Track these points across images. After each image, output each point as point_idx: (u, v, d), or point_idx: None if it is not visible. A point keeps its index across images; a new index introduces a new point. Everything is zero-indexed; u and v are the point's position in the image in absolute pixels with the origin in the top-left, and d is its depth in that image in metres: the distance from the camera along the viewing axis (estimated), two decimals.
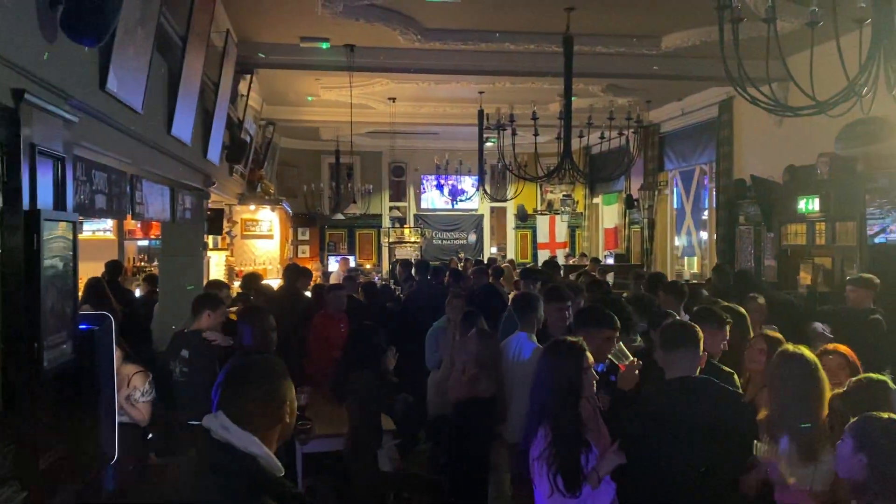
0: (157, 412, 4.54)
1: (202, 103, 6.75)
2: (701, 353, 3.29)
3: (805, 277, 8.93)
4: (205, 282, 7.45)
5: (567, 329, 4.47)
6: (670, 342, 3.27)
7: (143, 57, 4.35)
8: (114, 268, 7.81)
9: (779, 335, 4.02)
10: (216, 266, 10.30)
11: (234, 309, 6.10)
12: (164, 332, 6.17)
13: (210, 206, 8.67)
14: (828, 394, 3.18)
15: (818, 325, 5.09)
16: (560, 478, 3.02)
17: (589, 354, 3.22)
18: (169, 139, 5.55)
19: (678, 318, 4.20)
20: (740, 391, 3.69)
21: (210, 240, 10.36)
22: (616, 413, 3.47)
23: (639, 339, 4.78)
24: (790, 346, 3.40)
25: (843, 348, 3.84)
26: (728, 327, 4.02)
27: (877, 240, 7.30)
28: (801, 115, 3.68)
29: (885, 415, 2.64)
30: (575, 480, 3.02)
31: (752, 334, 4.47)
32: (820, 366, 3.25)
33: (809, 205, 8.51)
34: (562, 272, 10.30)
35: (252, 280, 8.02)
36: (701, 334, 3.30)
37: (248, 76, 9.21)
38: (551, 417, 3.10)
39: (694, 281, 11.01)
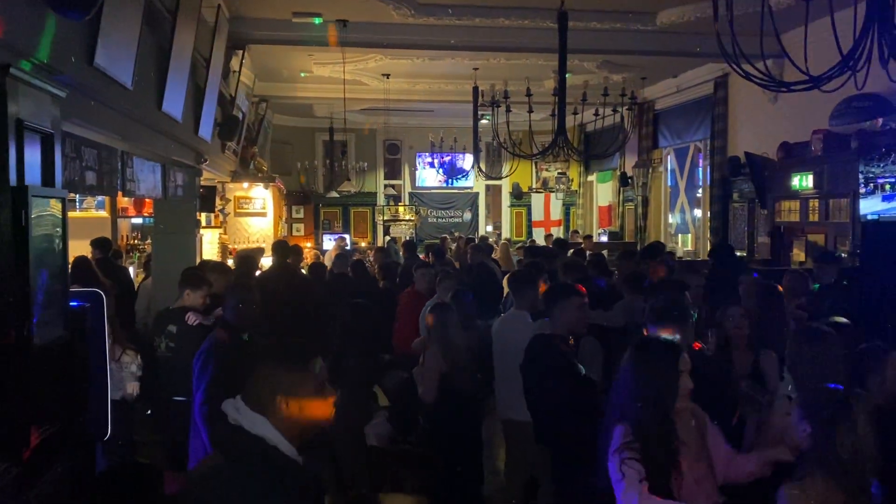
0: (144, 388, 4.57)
1: (193, 79, 6.69)
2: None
3: (798, 254, 8.97)
4: (197, 260, 7.44)
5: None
6: (660, 318, 3.27)
7: (131, 32, 4.30)
8: (103, 244, 7.77)
9: None
10: (209, 244, 10.28)
11: None
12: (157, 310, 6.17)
13: (202, 183, 8.63)
14: None
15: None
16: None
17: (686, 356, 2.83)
18: (160, 115, 5.51)
19: None
20: None
21: (203, 217, 10.36)
22: None
23: None
24: None
25: None
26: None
27: (869, 216, 7.31)
28: (794, 90, 3.66)
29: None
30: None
31: None
32: None
33: (803, 182, 8.51)
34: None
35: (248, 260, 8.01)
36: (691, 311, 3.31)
37: (240, 52, 9.13)
38: (635, 423, 2.67)
39: (687, 259, 11.06)
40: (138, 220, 10.89)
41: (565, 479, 3.80)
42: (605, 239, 14.86)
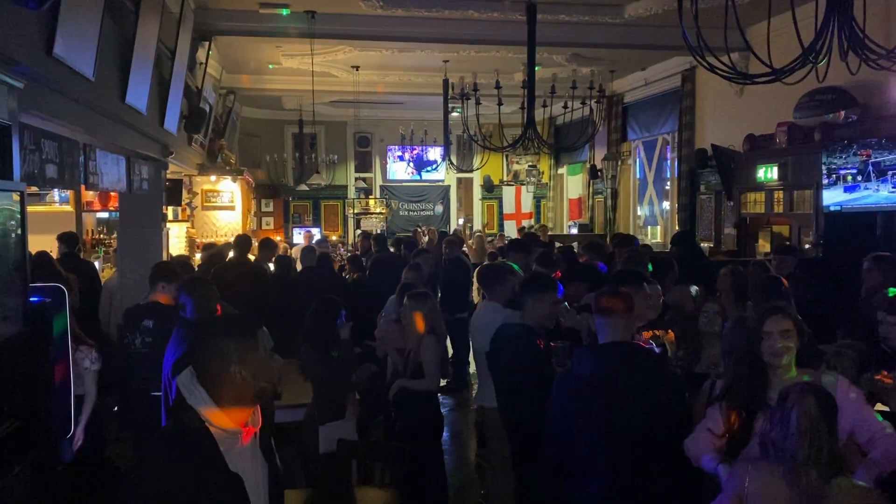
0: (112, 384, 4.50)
1: (158, 71, 6.59)
2: (633, 319, 3.30)
3: (763, 245, 9.12)
4: (164, 254, 7.34)
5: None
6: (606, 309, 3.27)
7: (92, 21, 4.22)
8: (69, 239, 7.64)
9: None
10: (176, 238, 10.16)
11: None
12: (126, 305, 6.07)
13: (169, 176, 8.52)
14: None
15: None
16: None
17: None
18: (123, 107, 5.42)
19: None
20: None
21: (170, 211, 10.22)
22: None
23: None
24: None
25: None
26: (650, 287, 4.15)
27: (831, 207, 7.45)
28: (757, 82, 3.72)
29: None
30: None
31: None
32: None
33: (768, 173, 8.65)
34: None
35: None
36: (632, 301, 3.32)
37: (207, 43, 9.00)
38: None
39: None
40: (104, 215, 10.70)
41: (523, 464, 3.85)
42: (575, 231, 14.96)
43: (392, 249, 9.79)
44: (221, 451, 1.94)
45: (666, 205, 12.70)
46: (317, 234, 15.58)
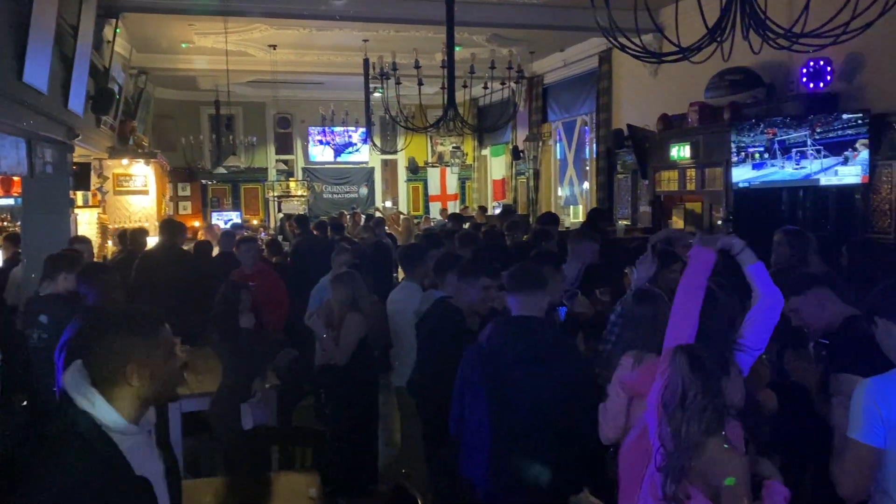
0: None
1: (59, 49, 6.27)
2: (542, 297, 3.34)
3: (677, 222, 9.39)
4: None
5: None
6: (518, 285, 3.32)
7: None
8: None
9: None
10: (87, 224, 9.75)
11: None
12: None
13: (76, 159, 8.14)
14: None
15: None
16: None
17: None
18: (20, 86, 5.14)
19: None
20: None
21: (79, 196, 9.79)
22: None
23: None
24: None
25: None
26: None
27: (740, 183, 7.73)
28: (665, 61, 3.82)
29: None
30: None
31: None
32: None
33: (681, 152, 8.89)
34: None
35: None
36: (547, 278, 3.38)
37: (114, 21, 8.61)
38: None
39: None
40: (9, 201, 10.17)
41: (432, 437, 3.89)
42: (498, 212, 15.08)
43: (316, 233, 9.65)
44: (123, 453, 1.80)
45: (586, 185, 12.94)
46: (236, 217, 15.22)
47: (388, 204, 18.15)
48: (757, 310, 2.56)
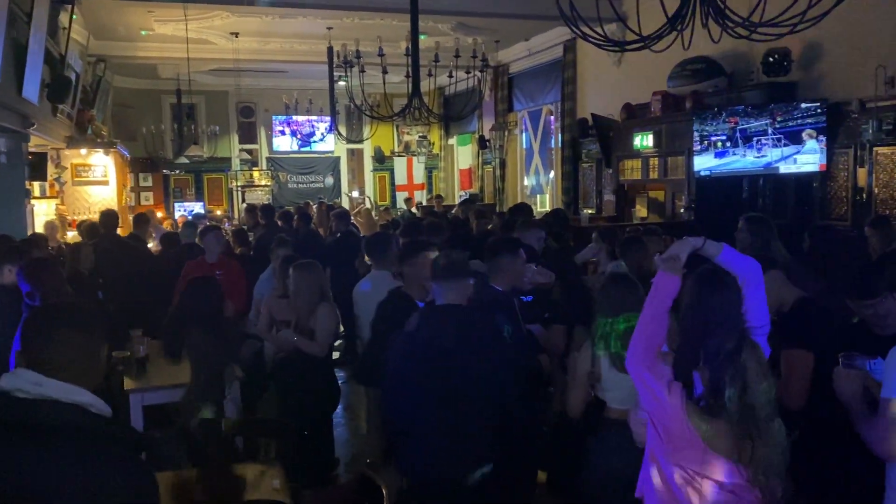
0: None
1: (11, 35, 6.10)
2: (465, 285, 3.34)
3: (640, 210, 9.50)
4: (29, 233, 6.86)
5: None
6: (443, 274, 3.32)
7: None
8: None
9: None
10: (45, 216, 9.53)
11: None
12: None
13: (32, 149, 7.95)
14: None
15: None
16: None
17: None
18: None
19: None
20: None
21: (36, 187, 9.56)
22: None
23: None
24: None
25: None
26: None
27: (702, 172, 7.84)
28: (626, 49, 3.84)
29: None
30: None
31: None
32: None
33: (644, 141, 8.98)
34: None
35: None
36: (469, 267, 3.42)
37: (69, 7, 8.39)
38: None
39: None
40: None
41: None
42: (461, 200, 15.09)
43: (280, 223, 9.54)
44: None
45: (552, 174, 13.01)
46: (199, 208, 15.01)
47: (355, 194, 18.04)
48: (745, 290, 2.56)
